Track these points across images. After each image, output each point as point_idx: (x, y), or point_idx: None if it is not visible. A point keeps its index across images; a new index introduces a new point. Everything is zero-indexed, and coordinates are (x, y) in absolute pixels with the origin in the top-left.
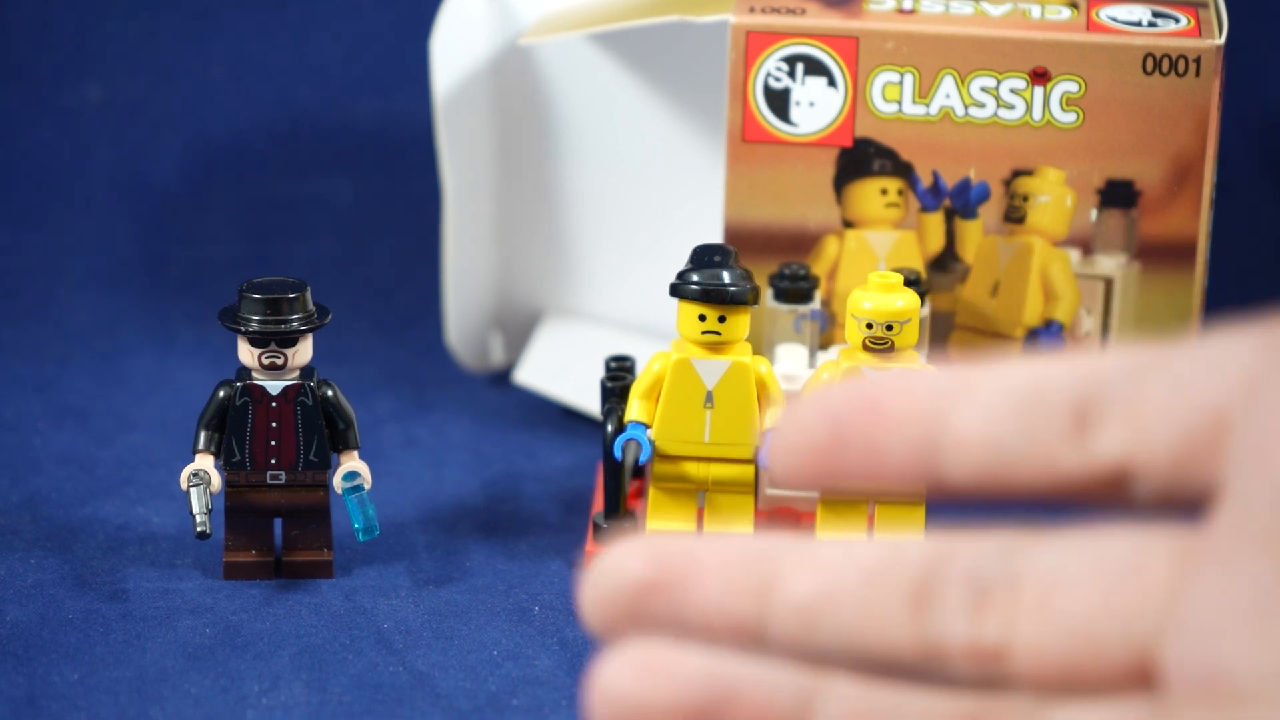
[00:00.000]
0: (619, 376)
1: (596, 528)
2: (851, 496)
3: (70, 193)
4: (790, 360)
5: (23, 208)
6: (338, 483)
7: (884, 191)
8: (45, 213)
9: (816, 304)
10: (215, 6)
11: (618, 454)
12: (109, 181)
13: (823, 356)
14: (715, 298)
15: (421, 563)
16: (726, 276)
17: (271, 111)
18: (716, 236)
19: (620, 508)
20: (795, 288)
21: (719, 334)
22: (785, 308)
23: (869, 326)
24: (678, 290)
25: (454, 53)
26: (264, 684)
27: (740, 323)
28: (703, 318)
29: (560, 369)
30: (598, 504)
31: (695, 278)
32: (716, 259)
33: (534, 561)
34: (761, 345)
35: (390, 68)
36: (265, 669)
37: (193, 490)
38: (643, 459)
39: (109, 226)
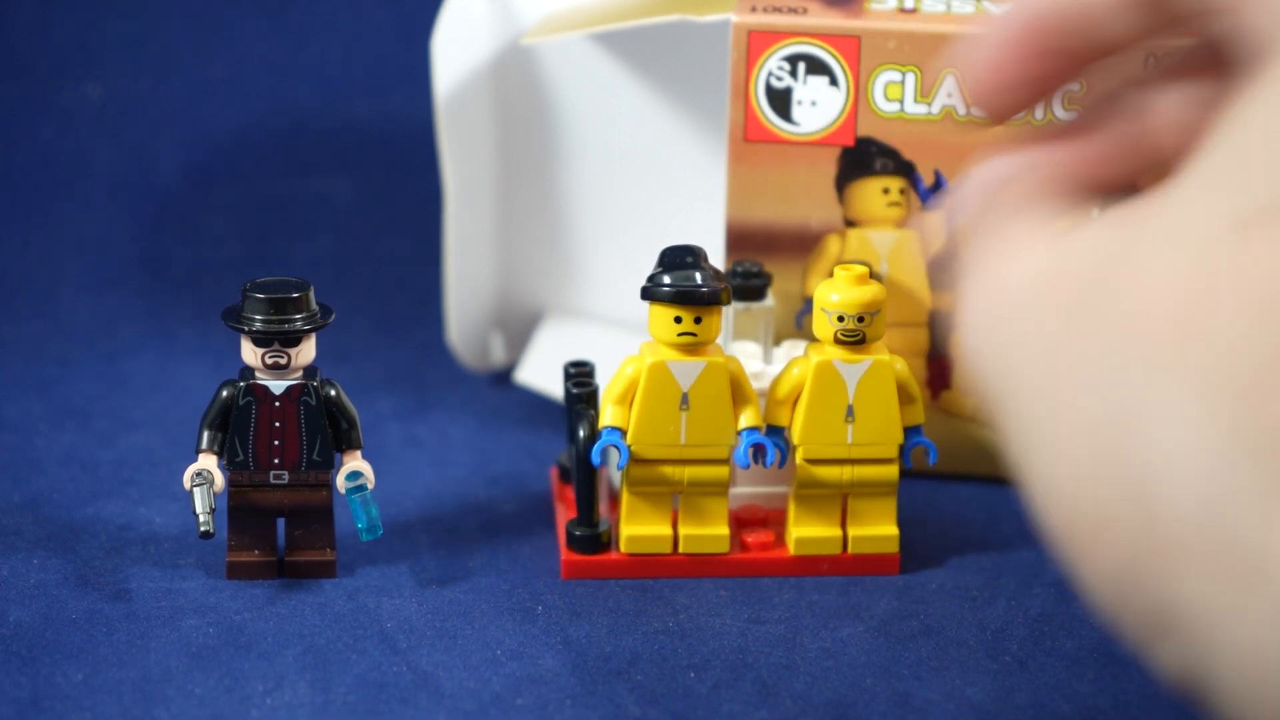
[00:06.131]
0: (583, 382)
1: (570, 535)
2: None
3: (70, 193)
4: (745, 357)
5: (23, 208)
6: (341, 482)
7: (886, 190)
8: (45, 213)
9: (769, 301)
10: (215, 6)
11: (595, 460)
12: (109, 181)
13: (777, 352)
14: (691, 299)
15: (424, 562)
16: (699, 277)
17: (271, 111)
18: (718, 236)
19: (594, 514)
20: (749, 285)
21: (695, 335)
22: (740, 305)
23: (840, 319)
24: (650, 294)
25: (455, 53)
26: (268, 684)
27: (715, 323)
28: (678, 320)
29: (561, 368)
30: (561, 513)
31: (668, 280)
32: (688, 260)
33: (536, 561)
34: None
35: (390, 68)
36: (269, 669)
37: (196, 490)
38: (620, 464)
39: (109, 226)
